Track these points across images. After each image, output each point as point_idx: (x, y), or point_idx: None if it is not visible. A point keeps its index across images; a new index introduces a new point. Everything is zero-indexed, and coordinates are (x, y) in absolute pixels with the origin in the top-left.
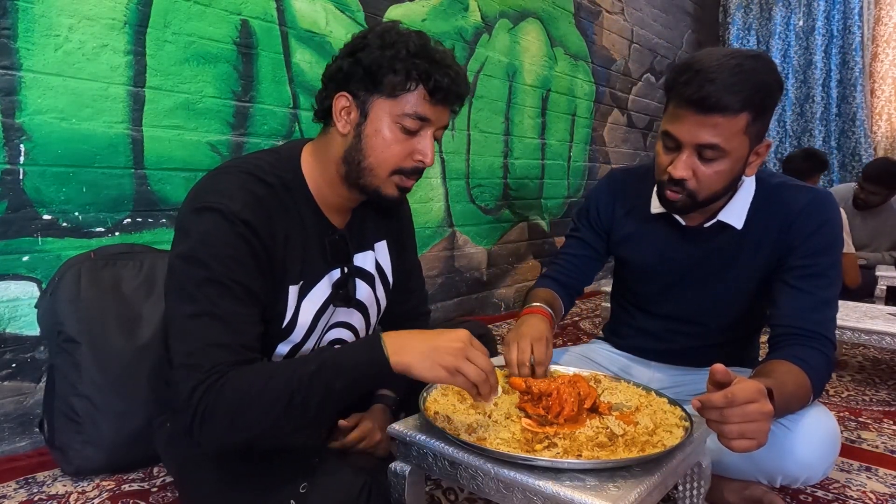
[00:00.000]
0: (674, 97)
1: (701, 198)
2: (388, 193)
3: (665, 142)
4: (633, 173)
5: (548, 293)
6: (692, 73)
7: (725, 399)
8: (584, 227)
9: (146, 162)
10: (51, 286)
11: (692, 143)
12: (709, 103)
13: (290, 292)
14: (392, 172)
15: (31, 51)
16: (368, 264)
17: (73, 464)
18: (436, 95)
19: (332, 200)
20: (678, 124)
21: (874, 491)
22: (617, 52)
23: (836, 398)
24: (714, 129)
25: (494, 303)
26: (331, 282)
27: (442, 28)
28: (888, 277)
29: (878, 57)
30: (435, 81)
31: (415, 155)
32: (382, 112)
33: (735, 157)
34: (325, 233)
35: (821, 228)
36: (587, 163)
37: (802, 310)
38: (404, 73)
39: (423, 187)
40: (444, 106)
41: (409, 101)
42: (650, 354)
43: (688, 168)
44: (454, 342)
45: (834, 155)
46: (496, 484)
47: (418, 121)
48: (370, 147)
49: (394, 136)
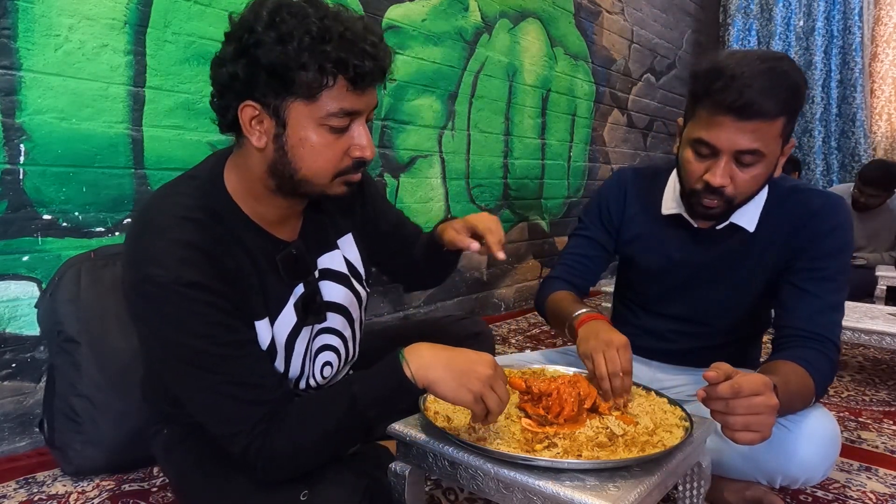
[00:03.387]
0: (708, 104)
1: (737, 203)
2: (337, 193)
3: (698, 149)
4: (643, 173)
5: (573, 296)
6: (727, 79)
7: (732, 389)
8: (593, 225)
9: (146, 162)
10: (51, 286)
11: (731, 149)
12: (751, 110)
13: (260, 329)
14: (333, 177)
15: (31, 51)
16: (337, 264)
17: (73, 464)
18: (359, 83)
19: (272, 215)
20: (716, 131)
21: (874, 491)
22: (617, 52)
23: (836, 398)
24: (754, 135)
25: (494, 303)
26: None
27: (442, 28)
28: (888, 277)
29: (877, 57)
30: (355, 68)
31: (352, 151)
32: (302, 117)
33: (770, 160)
34: (274, 252)
35: (832, 232)
36: (587, 163)
37: (809, 312)
38: (316, 67)
39: (423, 187)
40: (371, 89)
41: (331, 97)
42: (652, 354)
43: (726, 176)
44: (485, 368)
45: (834, 155)
46: (496, 484)
47: (346, 117)
48: (299, 158)
49: (323, 141)
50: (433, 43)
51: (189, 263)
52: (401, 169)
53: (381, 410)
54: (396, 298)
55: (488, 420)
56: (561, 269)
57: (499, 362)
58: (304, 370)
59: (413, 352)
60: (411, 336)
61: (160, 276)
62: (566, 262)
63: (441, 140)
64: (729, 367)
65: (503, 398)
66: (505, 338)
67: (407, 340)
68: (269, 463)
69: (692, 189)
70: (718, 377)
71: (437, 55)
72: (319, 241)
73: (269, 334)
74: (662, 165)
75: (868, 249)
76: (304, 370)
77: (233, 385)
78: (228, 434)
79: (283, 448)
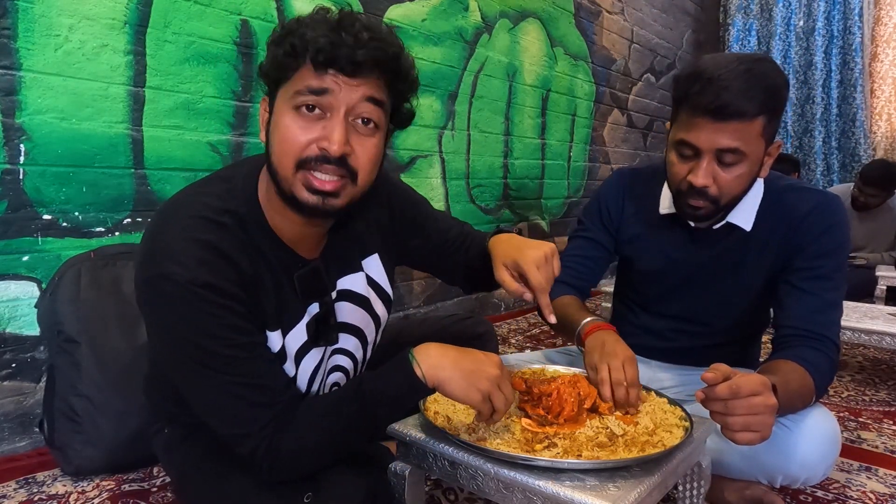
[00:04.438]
0: (687, 106)
1: (723, 203)
2: (302, 198)
3: (681, 151)
4: (641, 174)
5: (578, 302)
6: (704, 82)
7: (730, 390)
8: (594, 226)
9: (146, 162)
10: (51, 286)
11: (712, 148)
12: (728, 111)
13: (271, 338)
14: (296, 167)
15: (31, 51)
16: (359, 286)
17: (73, 464)
18: (319, 58)
19: (291, 231)
20: (695, 132)
21: (874, 491)
22: (617, 52)
23: (836, 398)
24: (733, 135)
25: (494, 303)
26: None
27: (442, 28)
28: (888, 277)
29: (877, 57)
30: (316, 45)
31: (320, 142)
32: (281, 102)
33: (753, 160)
34: (293, 268)
35: (828, 231)
36: (587, 163)
37: (807, 312)
38: (288, 49)
39: (423, 187)
40: (342, 74)
41: (300, 76)
42: (652, 353)
43: (709, 175)
44: (493, 368)
45: (835, 155)
46: (496, 484)
47: (311, 95)
48: (273, 142)
49: (293, 124)
50: (433, 43)
51: (207, 265)
52: (401, 169)
53: (391, 410)
54: (396, 298)
55: (493, 419)
56: (563, 272)
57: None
58: (311, 389)
59: (422, 351)
60: (413, 336)
61: (177, 274)
62: (568, 264)
63: (441, 140)
64: (727, 368)
65: (509, 398)
66: (505, 338)
67: (409, 340)
68: (277, 464)
69: (678, 191)
70: (717, 378)
71: (437, 55)
72: (342, 262)
73: (280, 344)
74: (661, 165)
75: (868, 249)
76: (312, 389)
77: (242, 386)
78: (236, 435)
79: (291, 449)
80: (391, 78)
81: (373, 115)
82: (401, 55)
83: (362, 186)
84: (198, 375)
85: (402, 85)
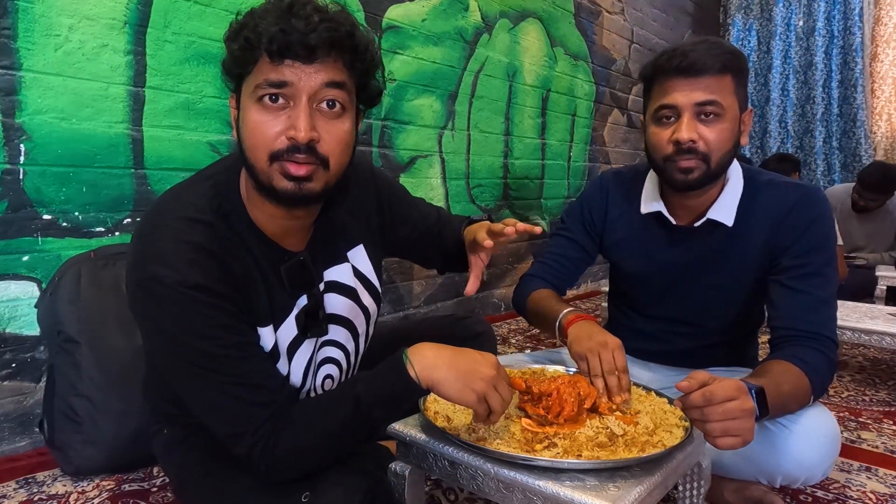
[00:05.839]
0: (660, 77)
1: (714, 162)
2: (280, 187)
3: (661, 116)
4: (624, 176)
5: (555, 295)
6: (670, 52)
7: (704, 397)
8: (576, 228)
9: (146, 162)
10: (51, 286)
11: (690, 103)
12: (698, 67)
13: (263, 334)
14: (269, 160)
15: (31, 51)
16: (346, 277)
17: (73, 464)
18: (273, 48)
19: (273, 224)
20: (672, 94)
21: (874, 491)
22: (617, 52)
23: (836, 398)
24: (707, 88)
25: (494, 303)
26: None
27: (442, 28)
28: (888, 277)
29: (877, 57)
30: (268, 35)
31: (287, 132)
32: (245, 96)
33: (731, 117)
34: (279, 261)
35: (812, 225)
36: (587, 163)
37: (800, 311)
38: (243, 43)
39: (423, 187)
40: (298, 61)
41: (259, 70)
42: (649, 356)
43: (692, 129)
44: (488, 369)
45: (835, 155)
46: (496, 484)
47: (271, 88)
48: (244, 139)
49: (259, 118)
50: (433, 43)
51: (196, 266)
52: (401, 169)
53: (386, 411)
54: (396, 298)
55: (490, 420)
56: (539, 267)
57: (504, 362)
58: (305, 382)
59: (417, 352)
60: (412, 336)
61: (167, 276)
62: (546, 260)
63: (441, 140)
64: (705, 376)
65: (506, 398)
66: (505, 338)
67: (408, 340)
68: (274, 464)
69: (665, 155)
70: (691, 387)
71: (437, 55)
72: (327, 253)
73: (273, 340)
74: (643, 167)
75: (868, 250)
76: (306, 382)
77: (237, 386)
78: (232, 435)
79: (287, 449)
80: (349, 57)
81: (337, 97)
82: (355, 32)
83: (336, 171)
84: (192, 376)
85: (360, 63)
